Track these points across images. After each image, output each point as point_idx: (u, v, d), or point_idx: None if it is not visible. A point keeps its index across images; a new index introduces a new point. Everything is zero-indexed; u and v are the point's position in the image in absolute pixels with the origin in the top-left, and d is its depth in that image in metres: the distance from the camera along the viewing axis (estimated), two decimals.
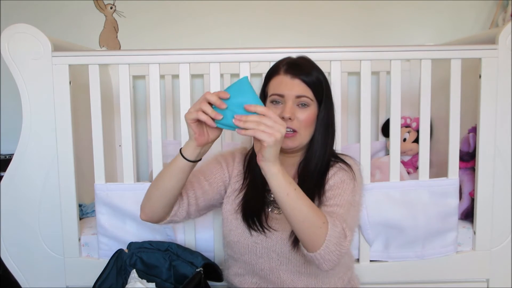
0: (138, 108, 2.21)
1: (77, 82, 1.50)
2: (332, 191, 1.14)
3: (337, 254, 1.01)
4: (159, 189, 1.12)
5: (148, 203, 1.15)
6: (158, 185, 1.12)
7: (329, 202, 1.12)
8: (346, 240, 1.03)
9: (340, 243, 1.01)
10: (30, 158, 1.42)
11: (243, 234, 1.19)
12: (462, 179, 1.61)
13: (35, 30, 1.38)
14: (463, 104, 1.46)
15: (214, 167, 1.26)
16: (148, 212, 1.16)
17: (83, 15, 2.18)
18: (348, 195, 1.14)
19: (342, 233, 1.03)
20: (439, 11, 2.20)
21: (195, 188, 1.21)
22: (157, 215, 1.16)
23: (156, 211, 1.15)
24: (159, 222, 1.19)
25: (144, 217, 1.17)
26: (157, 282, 1.34)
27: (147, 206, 1.16)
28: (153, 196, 1.14)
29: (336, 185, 1.15)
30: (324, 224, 1.00)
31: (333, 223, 1.02)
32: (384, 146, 2.18)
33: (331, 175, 1.19)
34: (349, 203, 1.13)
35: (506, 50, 1.42)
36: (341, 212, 1.09)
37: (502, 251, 1.50)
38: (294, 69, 1.16)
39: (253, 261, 1.20)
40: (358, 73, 1.45)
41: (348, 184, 1.16)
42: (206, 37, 2.20)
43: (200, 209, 1.23)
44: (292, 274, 1.18)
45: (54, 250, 1.47)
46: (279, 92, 1.16)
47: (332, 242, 1.00)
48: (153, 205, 1.14)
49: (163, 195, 1.12)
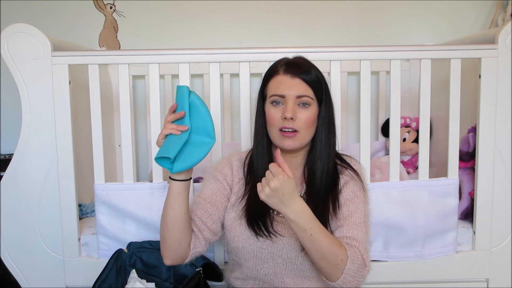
0: (138, 108, 2.21)
1: (77, 82, 1.50)
2: (347, 207, 1.16)
3: (355, 283, 1.06)
4: (168, 224, 1.11)
5: (165, 245, 1.13)
6: (165, 222, 1.11)
7: (346, 222, 1.14)
8: (365, 269, 1.08)
9: (358, 274, 1.06)
10: (29, 158, 1.42)
11: (248, 240, 1.18)
12: (461, 179, 1.61)
13: (34, 30, 1.38)
14: (463, 104, 1.46)
15: (214, 186, 1.23)
16: (170, 255, 1.14)
17: (83, 15, 2.18)
18: (361, 210, 1.16)
19: (362, 263, 1.07)
20: (439, 11, 2.20)
21: (199, 215, 1.19)
22: (178, 254, 1.14)
23: (176, 250, 1.14)
24: (186, 259, 1.17)
25: (169, 262, 1.15)
26: (157, 282, 1.34)
27: (166, 250, 1.14)
28: (166, 236, 1.12)
29: (350, 199, 1.17)
30: (342, 261, 1.04)
31: (353, 258, 1.05)
32: (384, 146, 2.18)
33: (343, 184, 1.19)
34: (364, 220, 1.16)
35: (506, 50, 1.42)
36: (360, 236, 1.12)
37: (502, 251, 1.50)
38: (293, 69, 1.16)
39: (258, 266, 1.19)
40: (358, 73, 1.45)
41: (359, 197, 1.18)
42: (206, 37, 2.20)
43: (214, 231, 1.21)
44: (296, 279, 1.17)
45: (54, 250, 1.47)
46: (280, 93, 1.15)
47: (349, 275, 1.05)
48: (170, 245, 1.13)
49: (174, 228, 1.11)
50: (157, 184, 1.44)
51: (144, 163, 2.22)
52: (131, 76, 1.53)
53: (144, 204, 1.43)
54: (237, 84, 1.48)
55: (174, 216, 1.10)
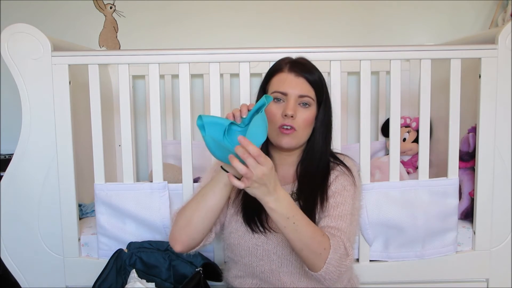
0: (138, 108, 2.21)
1: (77, 82, 1.50)
2: (334, 199, 1.16)
3: (337, 273, 1.05)
4: (202, 211, 1.10)
5: (186, 231, 1.12)
6: (202, 205, 1.10)
7: (331, 213, 1.13)
8: (348, 258, 1.07)
9: (341, 263, 1.05)
10: (29, 158, 1.42)
11: (243, 236, 1.19)
12: (461, 179, 1.61)
13: (34, 30, 1.38)
14: (463, 104, 1.46)
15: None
16: (186, 239, 1.12)
17: (82, 15, 2.18)
18: (349, 203, 1.16)
19: (344, 253, 1.06)
20: (439, 11, 2.20)
21: None
22: (195, 241, 1.14)
23: (196, 237, 1.13)
24: (193, 249, 1.16)
25: (180, 248, 1.13)
26: (157, 282, 1.34)
27: (184, 235, 1.12)
28: (193, 222, 1.10)
29: (338, 192, 1.17)
30: (325, 250, 1.03)
31: (335, 246, 1.04)
32: (383, 146, 2.18)
33: (333, 179, 1.20)
34: (351, 213, 1.15)
35: (506, 50, 1.42)
36: (344, 226, 1.11)
37: (502, 251, 1.50)
38: (298, 67, 1.18)
39: (253, 264, 1.19)
40: (358, 73, 1.45)
41: (349, 190, 1.18)
42: (206, 37, 2.20)
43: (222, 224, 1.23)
44: (292, 276, 1.18)
45: (54, 250, 1.47)
46: (283, 90, 1.16)
47: (332, 265, 1.03)
48: (192, 232, 1.12)
49: (207, 216, 1.11)
50: (157, 184, 1.44)
51: (144, 163, 2.22)
52: (131, 76, 1.53)
53: (144, 204, 1.43)
54: (237, 84, 1.48)
55: (213, 204, 1.10)
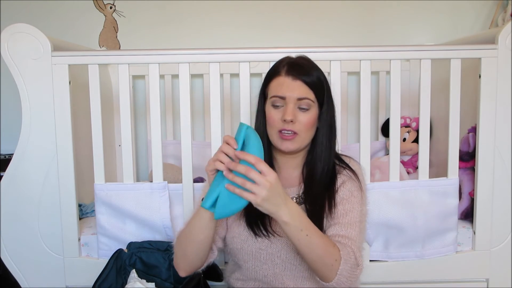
0: (138, 108, 2.20)
1: (77, 82, 1.50)
2: (343, 206, 1.15)
3: (349, 283, 1.05)
4: (194, 243, 1.11)
5: (184, 260, 1.15)
6: (191, 240, 1.11)
7: (341, 220, 1.13)
8: (358, 268, 1.07)
9: (351, 274, 1.05)
10: (29, 158, 1.42)
11: (246, 240, 1.18)
12: (461, 179, 1.61)
13: (34, 30, 1.38)
14: (463, 104, 1.46)
15: None
16: (188, 268, 1.16)
17: (82, 15, 2.18)
18: (357, 210, 1.16)
19: (355, 263, 1.06)
20: (439, 11, 2.20)
21: None
22: (196, 266, 1.17)
23: (196, 263, 1.16)
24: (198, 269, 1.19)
25: (184, 274, 1.17)
26: (157, 282, 1.34)
27: (185, 264, 1.15)
28: (189, 252, 1.13)
29: (346, 198, 1.16)
30: (336, 261, 1.03)
31: (346, 258, 1.04)
32: (384, 146, 2.18)
33: (340, 184, 1.19)
34: (359, 220, 1.15)
35: (506, 50, 1.42)
36: (354, 235, 1.11)
37: (502, 251, 1.50)
38: (295, 70, 1.15)
39: (257, 268, 1.19)
40: (358, 73, 1.45)
41: (356, 196, 1.18)
42: (206, 37, 2.20)
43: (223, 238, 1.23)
44: (296, 280, 1.17)
45: (54, 250, 1.47)
46: (281, 95, 1.14)
47: (343, 275, 1.04)
48: (191, 261, 1.14)
49: (200, 247, 1.12)
50: (157, 184, 1.44)
51: (144, 163, 2.22)
52: (131, 76, 1.53)
53: (144, 204, 1.43)
54: (237, 84, 1.48)
55: (203, 238, 1.10)
